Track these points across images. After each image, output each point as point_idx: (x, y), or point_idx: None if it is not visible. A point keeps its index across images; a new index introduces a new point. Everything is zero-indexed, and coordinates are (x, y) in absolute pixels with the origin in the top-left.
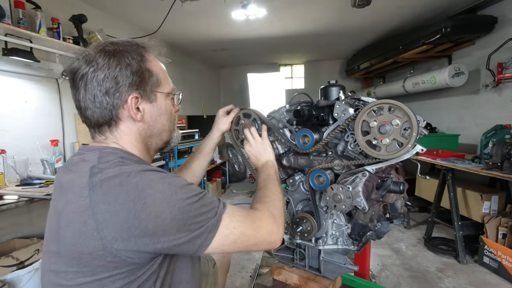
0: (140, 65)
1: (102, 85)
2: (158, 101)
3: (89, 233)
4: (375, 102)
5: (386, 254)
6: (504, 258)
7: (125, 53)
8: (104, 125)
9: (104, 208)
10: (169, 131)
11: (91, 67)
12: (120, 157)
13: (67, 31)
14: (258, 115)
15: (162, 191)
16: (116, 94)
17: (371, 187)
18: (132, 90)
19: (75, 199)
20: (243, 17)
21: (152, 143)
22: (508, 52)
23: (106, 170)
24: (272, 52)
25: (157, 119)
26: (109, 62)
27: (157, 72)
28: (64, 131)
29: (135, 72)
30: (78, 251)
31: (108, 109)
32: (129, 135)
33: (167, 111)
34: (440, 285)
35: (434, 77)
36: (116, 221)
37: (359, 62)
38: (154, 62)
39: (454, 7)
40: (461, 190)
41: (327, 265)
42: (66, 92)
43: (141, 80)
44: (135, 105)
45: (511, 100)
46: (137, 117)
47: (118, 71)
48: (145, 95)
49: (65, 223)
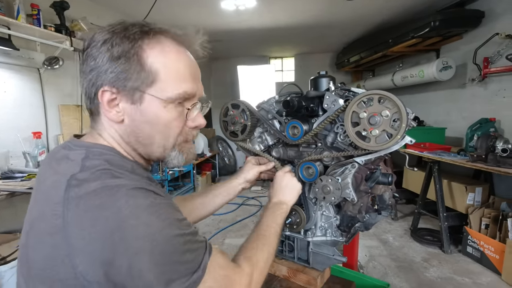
0: (126, 52)
1: (87, 66)
2: (145, 105)
3: (60, 258)
4: (365, 93)
5: (373, 245)
6: (487, 248)
7: (116, 34)
8: (91, 115)
9: (78, 233)
10: (162, 147)
11: (88, 46)
12: (107, 161)
13: (48, 18)
14: (247, 106)
15: (148, 224)
16: (92, 80)
17: (360, 178)
18: (105, 81)
19: (47, 216)
20: (233, 7)
21: (141, 151)
22: (494, 47)
23: (86, 183)
24: (262, 44)
25: (141, 127)
26: (102, 39)
27: (154, 67)
28: (47, 123)
29: (114, 59)
30: (49, 276)
31: (87, 97)
32: (110, 132)
33: (159, 122)
34: (425, 274)
35: (423, 70)
36: (90, 251)
37: (349, 55)
38: (158, 53)
39: (443, 0)
40: (446, 182)
41: (316, 257)
42: (48, 82)
43: (120, 72)
44: (108, 102)
45: (496, 94)
46: (111, 116)
47: (98, 53)
48: (126, 92)
49: (34, 242)
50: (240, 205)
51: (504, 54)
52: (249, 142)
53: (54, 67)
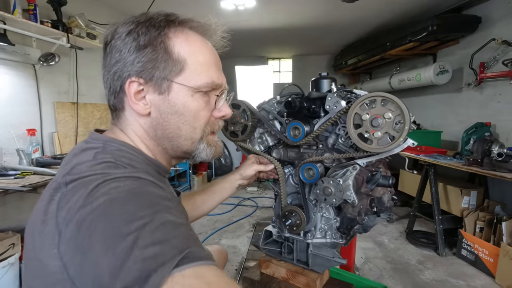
0: (152, 41)
1: (110, 60)
2: (173, 95)
3: (51, 248)
4: (368, 95)
5: (369, 247)
6: (481, 251)
7: (141, 24)
8: (113, 110)
9: (63, 221)
10: (190, 140)
11: (111, 38)
12: (117, 156)
13: (45, 14)
14: (248, 106)
15: (134, 224)
16: (117, 73)
17: (361, 180)
18: (132, 71)
19: (43, 202)
20: (232, 7)
21: (167, 147)
22: (490, 52)
23: (85, 171)
24: (260, 45)
25: (169, 119)
26: (126, 30)
27: (181, 55)
28: (42, 120)
29: (141, 49)
30: (40, 270)
31: (111, 91)
32: (135, 128)
33: (187, 112)
34: (420, 277)
35: (420, 74)
36: (67, 235)
37: (347, 58)
38: (184, 42)
39: (440, 5)
40: (442, 185)
41: (315, 259)
42: (44, 79)
43: (147, 61)
44: (135, 93)
45: (491, 99)
46: (137, 109)
47: (123, 45)
48: (154, 83)
49: (29, 231)
50: (236, 205)
51: (500, 60)
52: (249, 143)
53: (50, 64)
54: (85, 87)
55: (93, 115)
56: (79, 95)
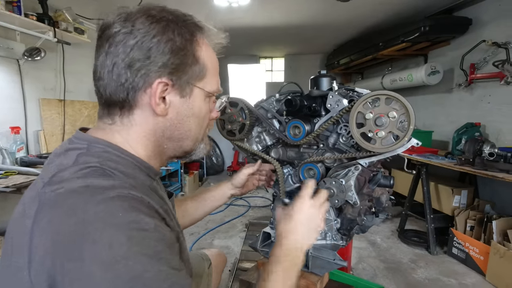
0: (186, 45)
1: (128, 54)
2: (193, 99)
3: (23, 266)
4: (372, 93)
5: (362, 246)
6: (472, 249)
7: (173, 25)
8: (115, 106)
9: (39, 237)
10: (194, 140)
11: (124, 28)
12: (103, 160)
13: (30, 6)
14: (246, 104)
15: (110, 244)
16: (142, 70)
17: (363, 181)
18: (164, 72)
19: (21, 214)
20: (226, 4)
21: (169, 147)
22: (480, 53)
23: (68, 181)
24: (253, 43)
25: (184, 121)
26: (149, 28)
27: (205, 62)
28: (26, 118)
29: (176, 51)
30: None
31: (125, 87)
32: (142, 128)
33: (200, 115)
34: (413, 275)
35: (411, 74)
36: (43, 260)
37: (339, 57)
38: (206, 49)
39: (432, 7)
40: (433, 185)
41: (315, 261)
42: (29, 75)
43: (179, 64)
44: (161, 94)
45: (481, 100)
46: (158, 109)
47: (155, 43)
48: (178, 85)
49: (6, 244)
50: (228, 205)
51: (490, 61)
52: (246, 142)
53: (35, 59)
54: (73, 83)
55: (81, 112)
56: (66, 92)
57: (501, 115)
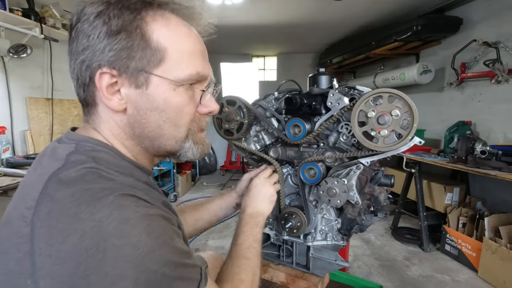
0: (126, 25)
1: (77, 47)
2: (152, 89)
3: (24, 277)
4: (374, 91)
5: (357, 244)
6: (464, 246)
7: (114, 5)
8: (84, 105)
9: (45, 249)
10: (173, 138)
11: (76, 20)
12: (96, 158)
13: (15, 1)
14: (244, 102)
15: (135, 246)
16: (85, 62)
17: (364, 180)
18: (103, 61)
19: (15, 222)
20: (219, 1)
21: (148, 146)
22: (471, 53)
23: (65, 184)
24: (246, 42)
25: (147, 116)
26: (91, 14)
27: (161, 43)
28: (12, 117)
29: (113, 34)
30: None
31: (80, 84)
32: (109, 126)
33: (170, 108)
34: (407, 273)
35: (404, 73)
36: (58, 273)
37: (332, 56)
38: (164, 27)
39: (424, 6)
40: (426, 183)
41: (316, 262)
42: (14, 73)
43: (121, 49)
44: (108, 87)
45: (472, 99)
46: (112, 105)
47: (92, 29)
48: (128, 75)
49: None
50: None
51: (481, 60)
52: (244, 141)
53: (21, 56)
54: (61, 81)
55: (70, 112)
56: (54, 91)
57: (492, 114)
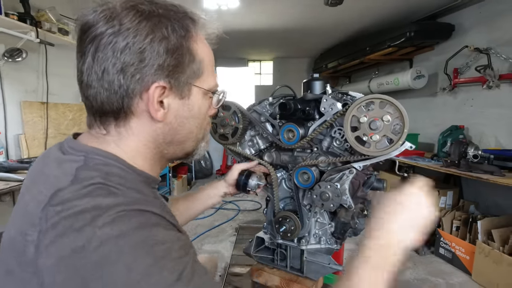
0: (182, 42)
1: (119, 58)
2: (192, 99)
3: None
4: (366, 97)
5: (351, 248)
6: (458, 249)
7: (165, 20)
8: (109, 115)
9: (50, 267)
10: (196, 140)
11: (111, 28)
12: (105, 175)
13: (10, 5)
14: (239, 107)
15: (129, 267)
16: (136, 75)
17: (357, 184)
18: (161, 75)
19: (19, 239)
20: (215, 7)
21: (169, 151)
22: (463, 59)
23: (71, 201)
24: (242, 46)
25: (184, 123)
26: (139, 27)
27: (201, 58)
28: (6, 121)
29: (172, 51)
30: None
31: (119, 95)
32: (140, 137)
33: (200, 114)
34: (402, 276)
35: (398, 78)
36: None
37: (327, 61)
38: (202, 44)
39: (417, 13)
40: None
41: (310, 265)
42: (9, 76)
43: (176, 65)
44: (159, 98)
45: (464, 103)
46: (158, 115)
47: (148, 43)
48: (177, 87)
49: (4, 271)
50: (217, 209)
51: (472, 66)
52: (239, 146)
53: (16, 60)
54: (56, 86)
55: (65, 116)
56: (49, 95)
57: (484, 118)
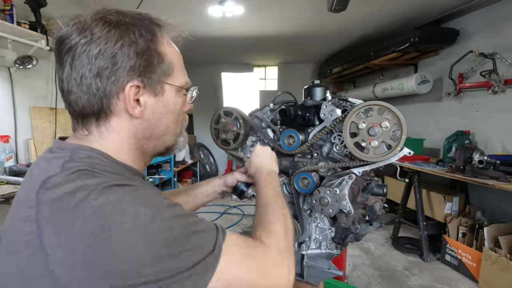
0: (149, 45)
1: (94, 64)
2: (166, 95)
3: (38, 271)
4: (365, 103)
5: (356, 254)
6: (464, 256)
7: (132, 27)
8: (90, 117)
9: (54, 241)
10: (174, 135)
11: (83, 38)
12: (89, 164)
13: (22, 14)
14: (240, 113)
15: (135, 217)
16: (112, 77)
17: (357, 190)
18: (133, 76)
19: (19, 223)
20: (220, 14)
21: (150, 146)
22: (468, 63)
23: (61, 185)
24: (246, 52)
25: (161, 118)
26: (108, 35)
27: (170, 59)
28: (16, 126)
29: (141, 53)
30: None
31: (98, 96)
32: (120, 134)
33: (175, 110)
34: (407, 283)
35: (402, 83)
36: (71, 260)
37: (332, 66)
38: (168, 45)
39: (421, 18)
40: (425, 192)
41: (310, 270)
42: (20, 83)
43: (147, 65)
44: (134, 96)
45: (470, 108)
46: (135, 112)
47: (118, 48)
48: (150, 85)
49: (6, 253)
50: (222, 214)
51: (478, 71)
52: (240, 151)
53: (27, 67)
54: None
55: None
56: (58, 100)
57: (489, 123)
